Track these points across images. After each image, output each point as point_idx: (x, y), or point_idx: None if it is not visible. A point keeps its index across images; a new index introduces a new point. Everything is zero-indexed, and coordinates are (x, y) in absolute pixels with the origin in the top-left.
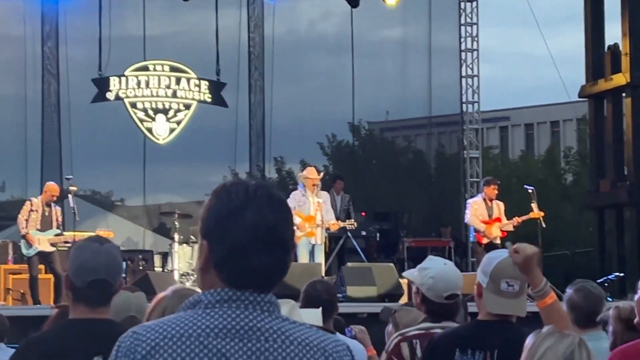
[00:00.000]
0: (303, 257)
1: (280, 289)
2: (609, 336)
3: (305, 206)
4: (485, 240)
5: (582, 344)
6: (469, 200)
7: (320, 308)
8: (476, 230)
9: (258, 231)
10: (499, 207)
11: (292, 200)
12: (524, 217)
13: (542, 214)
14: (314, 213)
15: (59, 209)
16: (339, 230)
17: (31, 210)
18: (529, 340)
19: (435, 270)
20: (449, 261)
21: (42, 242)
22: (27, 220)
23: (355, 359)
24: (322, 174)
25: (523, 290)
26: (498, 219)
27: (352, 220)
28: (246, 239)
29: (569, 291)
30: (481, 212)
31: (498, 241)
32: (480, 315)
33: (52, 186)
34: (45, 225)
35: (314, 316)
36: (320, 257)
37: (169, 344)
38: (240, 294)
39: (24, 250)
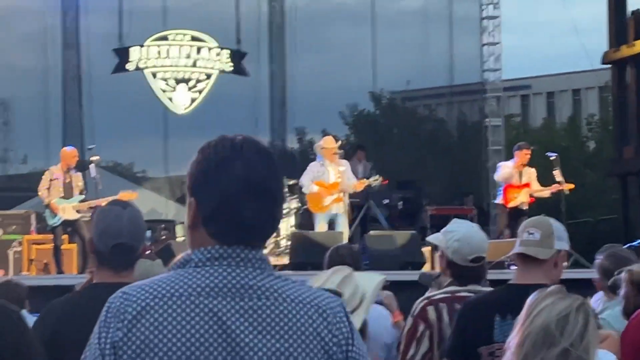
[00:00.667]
0: (322, 227)
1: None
2: (620, 300)
3: (325, 176)
4: (512, 204)
5: (582, 309)
6: (500, 163)
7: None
8: (505, 191)
9: (247, 182)
10: (529, 174)
11: (309, 172)
12: (559, 187)
13: (572, 186)
14: (336, 180)
15: (79, 174)
16: (364, 189)
17: (52, 179)
18: (531, 297)
19: (461, 233)
20: (475, 224)
21: (67, 210)
22: (48, 189)
23: (348, 315)
24: (340, 142)
25: (543, 238)
26: (527, 185)
27: (377, 176)
28: (235, 190)
29: (599, 258)
30: (511, 176)
31: (525, 207)
32: (514, 280)
33: (68, 152)
34: (68, 192)
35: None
36: (343, 226)
37: (160, 304)
38: (231, 251)
39: (49, 221)
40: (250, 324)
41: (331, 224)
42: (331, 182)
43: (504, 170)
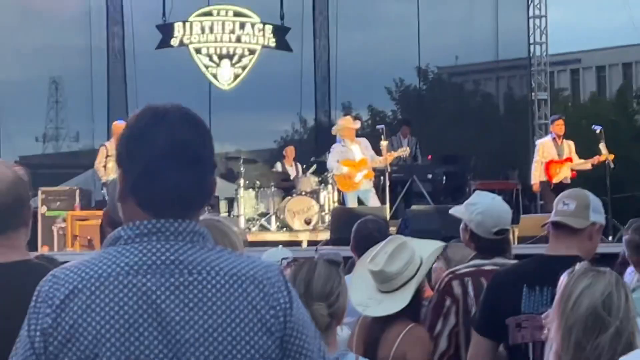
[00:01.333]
0: (352, 204)
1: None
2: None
3: (349, 155)
4: (556, 180)
5: (620, 283)
6: (537, 141)
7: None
8: (547, 168)
9: (170, 149)
10: (569, 146)
11: (335, 154)
12: (600, 159)
13: (612, 156)
14: (362, 157)
15: None
16: (394, 160)
17: (107, 155)
18: (562, 279)
19: (484, 206)
20: (497, 196)
21: None
22: (104, 166)
23: (288, 284)
24: (358, 121)
25: (579, 210)
26: (569, 159)
27: (405, 147)
28: (158, 157)
29: (628, 233)
30: (550, 151)
31: (568, 182)
32: (546, 251)
33: (120, 125)
34: None
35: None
36: (373, 201)
37: (87, 286)
38: (160, 225)
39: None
40: (182, 300)
41: (360, 202)
42: (358, 160)
43: (540, 151)
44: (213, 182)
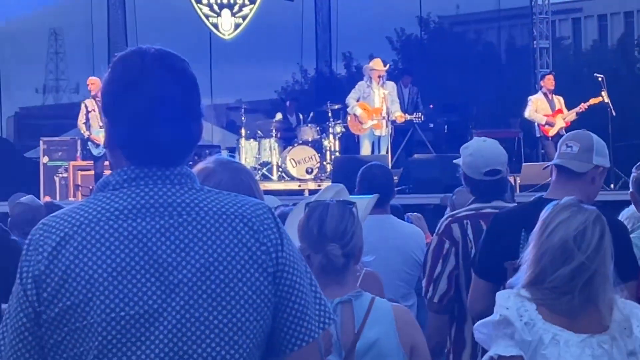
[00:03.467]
0: (366, 148)
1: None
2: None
3: (370, 97)
4: (552, 132)
5: (598, 220)
6: (530, 97)
7: (376, 195)
8: (539, 124)
9: (158, 101)
10: (559, 100)
11: (357, 91)
12: (587, 103)
13: (600, 99)
14: (379, 105)
15: None
16: (405, 122)
17: (87, 111)
18: (545, 211)
19: (474, 147)
20: (491, 139)
21: None
22: (85, 123)
23: (278, 221)
24: (388, 65)
25: (582, 152)
26: (560, 111)
27: (419, 113)
28: (145, 111)
29: (636, 172)
30: (543, 106)
31: (563, 132)
32: (547, 194)
33: (95, 80)
34: None
35: (363, 204)
36: (384, 149)
37: (78, 232)
38: (148, 170)
39: (94, 151)
40: (172, 242)
41: (374, 146)
42: (375, 106)
43: (532, 104)
44: (198, 130)
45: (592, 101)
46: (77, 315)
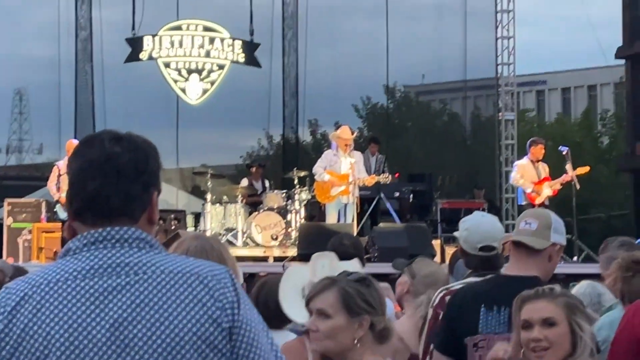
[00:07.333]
0: (332, 216)
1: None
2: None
3: (336, 166)
4: (538, 200)
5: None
6: (516, 162)
7: (357, 258)
8: (525, 191)
9: (94, 160)
10: (544, 168)
11: (324, 160)
12: (575, 173)
13: (587, 168)
14: (346, 172)
15: None
16: (374, 186)
17: (59, 174)
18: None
19: (471, 222)
20: (489, 214)
21: None
22: (57, 184)
23: (236, 283)
24: (355, 133)
25: (540, 230)
26: (547, 179)
27: (387, 174)
28: (81, 168)
29: (613, 249)
30: (529, 173)
31: (547, 203)
32: (505, 271)
33: (73, 144)
34: None
35: (353, 266)
36: (350, 217)
37: (37, 292)
38: (106, 233)
39: (61, 215)
40: (128, 298)
41: (339, 214)
42: (342, 173)
43: (519, 170)
44: (142, 195)
45: (579, 171)
46: None
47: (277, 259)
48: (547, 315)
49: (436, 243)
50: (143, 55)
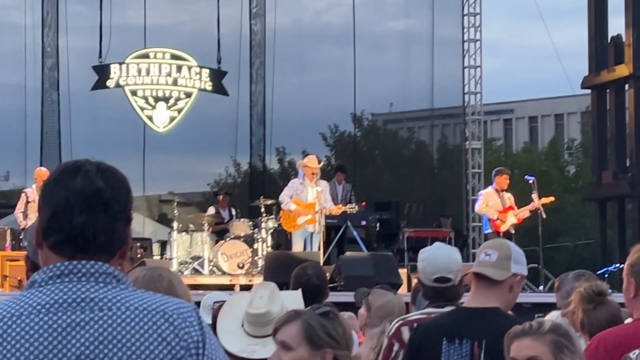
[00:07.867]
0: (298, 245)
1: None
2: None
3: (303, 194)
4: (503, 227)
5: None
6: (481, 191)
7: (300, 290)
8: (491, 219)
9: (80, 193)
10: (509, 198)
11: (290, 188)
12: (540, 202)
13: (552, 198)
14: (313, 201)
15: None
16: (340, 214)
17: (27, 202)
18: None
19: (428, 253)
20: (447, 246)
21: None
22: (24, 212)
23: (202, 321)
24: (322, 163)
25: (500, 261)
26: (511, 207)
27: (354, 204)
28: (67, 200)
29: (569, 283)
30: (494, 202)
31: (512, 231)
32: (466, 303)
33: (43, 172)
34: None
35: (293, 298)
36: (317, 245)
37: (0, 325)
38: (73, 267)
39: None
40: (92, 334)
41: (305, 242)
42: (308, 202)
43: (484, 199)
44: (124, 231)
45: (544, 200)
46: None
47: (244, 288)
48: (532, 354)
49: (403, 272)
50: (110, 83)
